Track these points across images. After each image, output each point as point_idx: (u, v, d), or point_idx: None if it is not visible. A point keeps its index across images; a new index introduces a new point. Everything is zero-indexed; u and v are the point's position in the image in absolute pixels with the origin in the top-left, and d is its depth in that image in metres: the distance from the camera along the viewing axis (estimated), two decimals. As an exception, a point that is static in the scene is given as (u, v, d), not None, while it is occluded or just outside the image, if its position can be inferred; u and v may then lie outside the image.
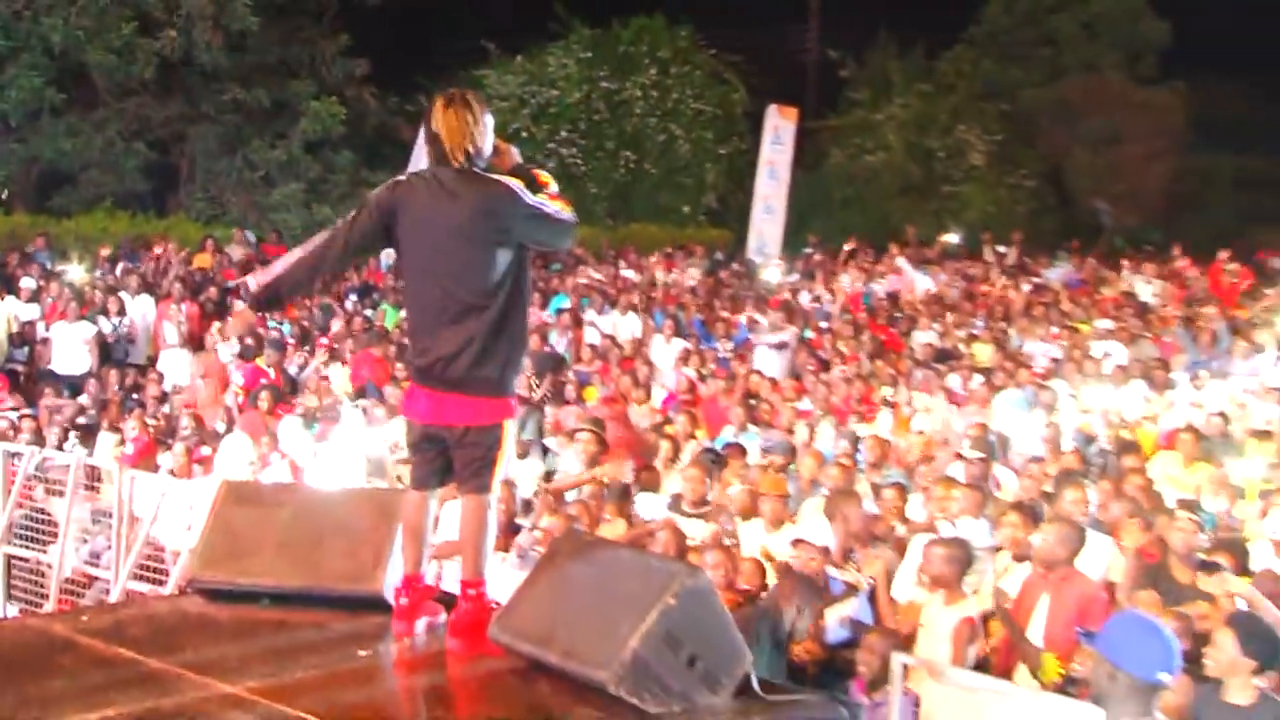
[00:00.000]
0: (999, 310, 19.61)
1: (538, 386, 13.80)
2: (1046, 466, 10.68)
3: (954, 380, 15.14)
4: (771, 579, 7.98)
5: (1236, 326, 17.64)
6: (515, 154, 5.17)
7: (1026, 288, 20.97)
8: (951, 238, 28.21)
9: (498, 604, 4.85)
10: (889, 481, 10.36)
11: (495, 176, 4.96)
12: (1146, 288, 21.17)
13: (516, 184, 4.94)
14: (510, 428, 5.02)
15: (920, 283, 21.39)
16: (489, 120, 5.01)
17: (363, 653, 4.67)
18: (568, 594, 4.69)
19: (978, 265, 23.80)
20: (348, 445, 11.50)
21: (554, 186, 5.11)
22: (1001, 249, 24.72)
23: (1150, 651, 4.18)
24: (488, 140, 4.99)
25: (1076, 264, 23.76)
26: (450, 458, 5.06)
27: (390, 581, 5.11)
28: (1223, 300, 19.97)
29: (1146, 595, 7.77)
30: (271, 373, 14.60)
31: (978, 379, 14.89)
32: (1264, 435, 11.99)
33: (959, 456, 10.70)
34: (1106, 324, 17.67)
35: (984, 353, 16.60)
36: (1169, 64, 35.14)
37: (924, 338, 17.79)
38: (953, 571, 7.47)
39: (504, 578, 6.21)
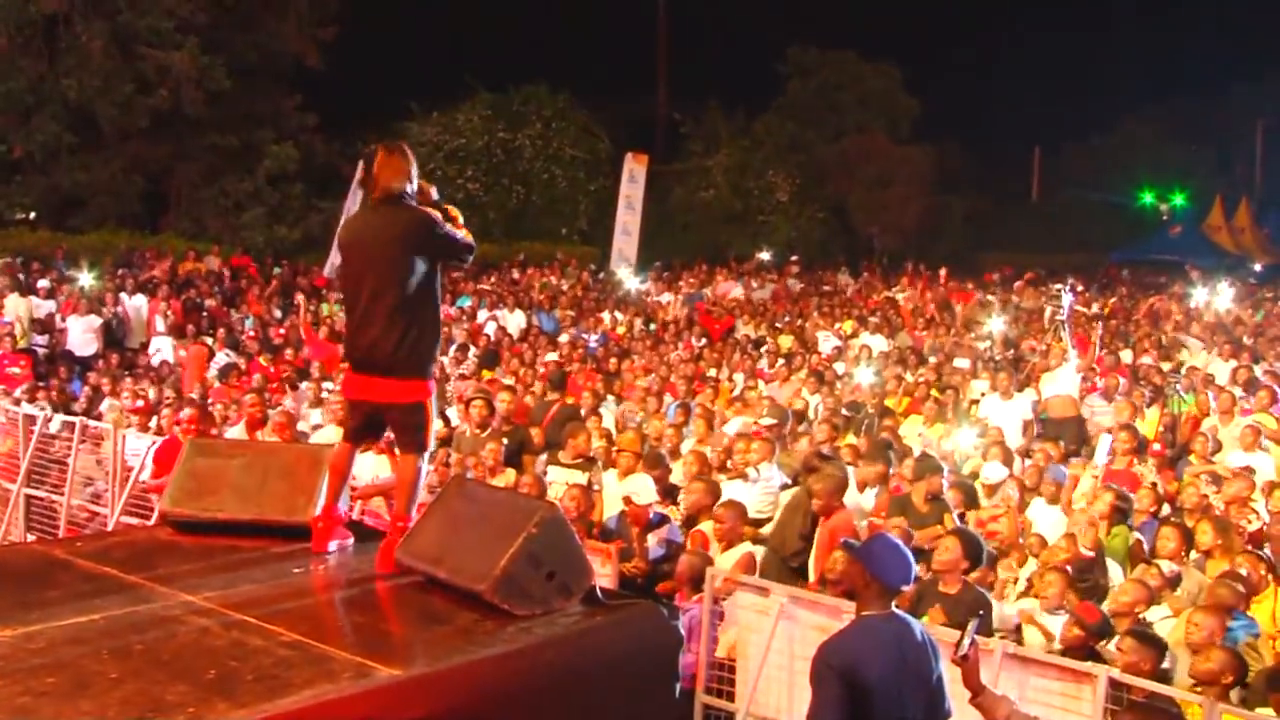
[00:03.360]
0: (796, 309, 19.87)
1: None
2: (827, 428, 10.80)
3: (763, 363, 15.32)
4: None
5: (965, 323, 18.08)
6: (433, 192, 5.13)
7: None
8: (764, 256, 28.50)
9: None
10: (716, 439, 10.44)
11: (419, 207, 4.92)
12: (902, 294, 21.62)
13: (435, 214, 4.91)
14: (431, 401, 4.97)
15: (735, 290, 21.62)
16: (414, 166, 5.02)
17: (296, 570, 4.58)
18: (454, 525, 4.62)
19: (782, 276, 24.14)
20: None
21: (460, 218, 5.09)
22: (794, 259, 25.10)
23: (897, 565, 4.25)
24: (414, 180, 4.97)
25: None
26: (378, 425, 5.08)
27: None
28: (956, 301, 20.40)
29: (897, 521, 7.96)
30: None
31: (780, 361, 15.04)
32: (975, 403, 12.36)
33: (757, 422, 10.74)
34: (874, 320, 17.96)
35: (786, 342, 16.80)
36: (919, 129, 36.17)
37: (742, 330, 17.98)
38: (737, 525, 7.48)
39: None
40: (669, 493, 8.52)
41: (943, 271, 23.16)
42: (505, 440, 9.41)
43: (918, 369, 14.08)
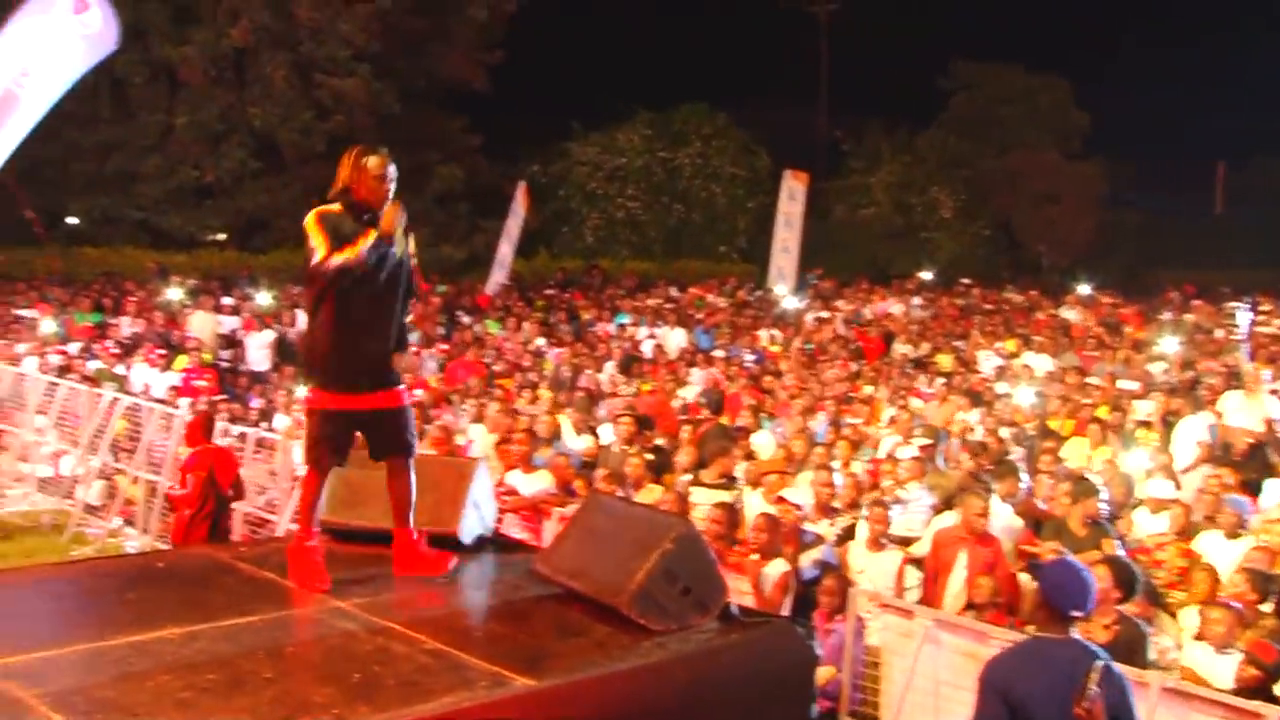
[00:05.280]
0: (958, 329, 19.40)
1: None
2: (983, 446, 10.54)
3: (922, 382, 15.01)
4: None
5: (1137, 344, 17.34)
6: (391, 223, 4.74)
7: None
8: (926, 275, 27.92)
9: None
10: (864, 459, 10.30)
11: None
12: (1070, 313, 20.87)
13: (309, 215, 4.72)
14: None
15: (894, 308, 21.24)
16: (349, 168, 4.75)
17: (439, 579, 4.72)
18: (593, 539, 4.70)
19: (946, 295, 23.59)
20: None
21: (361, 243, 4.62)
22: (966, 281, 24.55)
23: (1071, 589, 4.12)
24: (342, 184, 4.77)
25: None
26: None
27: (464, 526, 5.15)
28: (1127, 323, 19.64)
29: (1052, 545, 7.70)
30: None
31: (939, 381, 14.72)
32: (1147, 425, 11.82)
33: (909, 441, 10.54)
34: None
35: (945, 361, 16.42)
36: (1089, 143, 35.00)
37: (901, 349, 17.65)
38: (775, 539, 7.33)
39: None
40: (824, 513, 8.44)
41: (1113, 292, 22.30)
42: (652, 457, 9.46)
43: (1083, 390, 13.58)
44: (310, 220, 4.60)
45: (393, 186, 4.70)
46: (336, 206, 4.65)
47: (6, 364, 13.04)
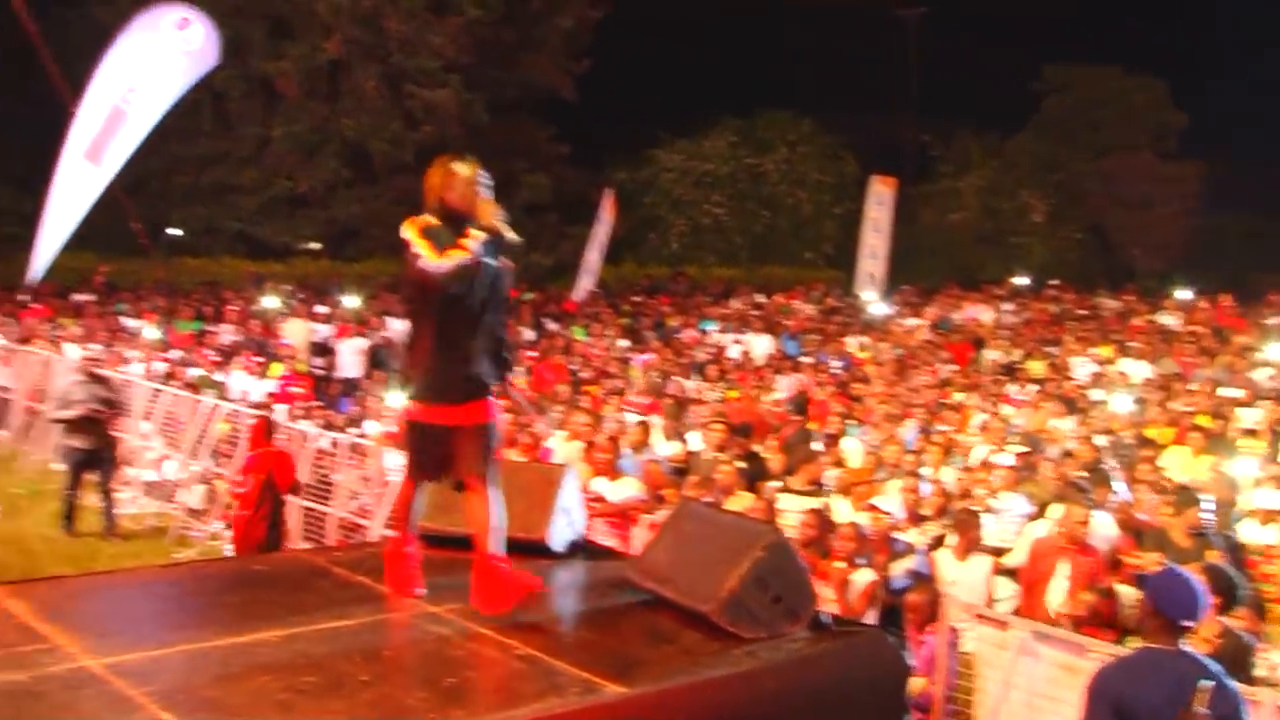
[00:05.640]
0: (1049, 335, 19.02)
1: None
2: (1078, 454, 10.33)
3: (1013, 389, 14.75)
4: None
5: (1241, 350, 16.82)
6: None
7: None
8: (1020, 280, 27.37)
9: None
10: (955, 466, 10.15)
11: None
12: (1169, 318, 20.34)
13: (406, 225, 4.65)
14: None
15: (984, 314, 20.90)
16: (442, 180, 4.65)
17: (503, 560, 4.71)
18: (683, 546, 4.69)
19: (1038, 300, 23.14)
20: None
21: (468, 242, 4.52)
22: (1054, 282, 24.07)
23: (1179, 598, 4.02)
24: (453, 191, 4.63)
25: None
26: None
27: (554, 532, 5.17)
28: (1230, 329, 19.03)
29: (1154, 556, 7.50)
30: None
31: (1031, 388, 14.44)
32: (1253, 433, 11.45)
33: (1004, 448, 10.35)
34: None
35: (1038, 367, 16.13)
36: (1186, 144, 34.00)
37: (991, 355, 17.37)
38: (861, 547, 7.25)
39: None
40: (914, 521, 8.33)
41: (1220, 296, 21.59)
42: (742, 465, 9.41)
43: (1183, 397, 13.22)
44: (410, 228, 4.57)
45: (486, 192, 4.65)
46: (431, 218, 4.61)
47: (114, 371, 13.40)
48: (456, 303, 4.47)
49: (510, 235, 4.65)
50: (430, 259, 4.43)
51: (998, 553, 7.92)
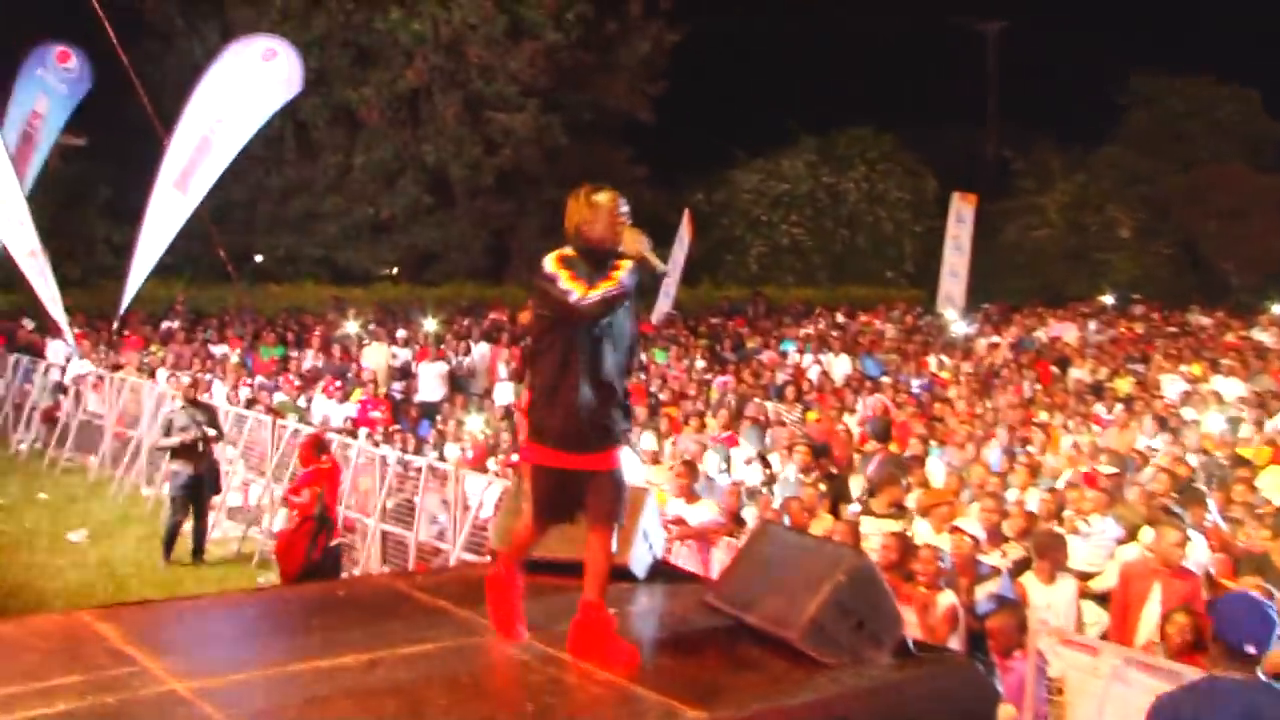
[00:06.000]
0: (1137, 352, 18.61)
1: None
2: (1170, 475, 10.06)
3: (1100, 409, 14.46)
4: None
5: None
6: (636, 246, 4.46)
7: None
8: (1106, 298, 26.83)
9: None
10: (1042, 488, 9.94)
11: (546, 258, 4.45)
12: (1264, 334, 19.79)
13: (549, 256, 4.39)
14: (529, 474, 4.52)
15: (1069, 332, 20.55)
16: (589, 206, 4.43)
17: (611, 610, 4.71)
18: (764, 570, 4.65)
19: (1125, 317, 22.68)
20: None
21: (617, 273, 4.36)
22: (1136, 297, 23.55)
23: (1246, 624, 3.87)
24: (581, 221, 4.43)
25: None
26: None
27: (635, 557, 5.15)
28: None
29: (1253, 580, 7.28)
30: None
31: (1119, 407, 14.13)
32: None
33: (1096, 470, 10.12)
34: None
35: (1125, 386, 15.78)
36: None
37: (1078, 375, 17.05)
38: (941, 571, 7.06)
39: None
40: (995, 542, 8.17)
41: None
42: (824, 487, 9.33)
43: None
44: (553, 261, 4.38)
45: (628, 221, 4.51)
46: (570, 250, 4.44)
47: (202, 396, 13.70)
48: (595, 339, 4.38)
49: (658, 264, 4.57)
50: (576, 291, 4.30)
51: (1086, 577, 7.73)
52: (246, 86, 15.78)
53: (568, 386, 4.32)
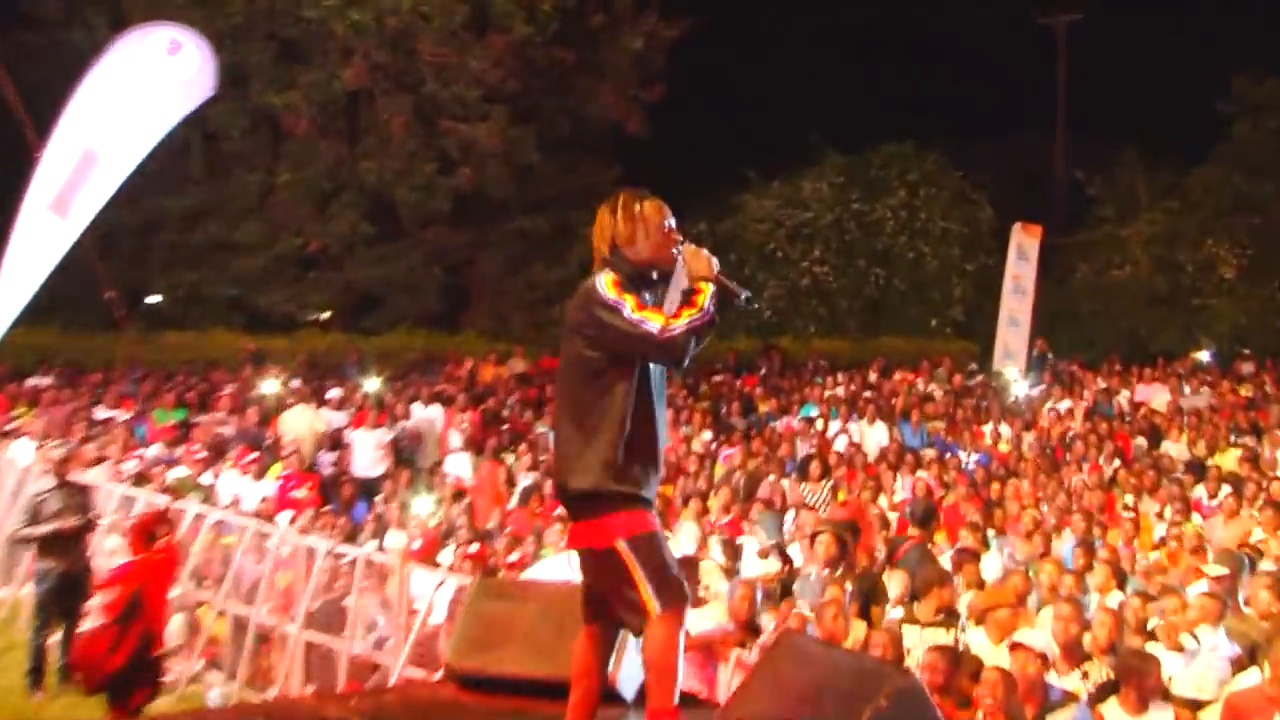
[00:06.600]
0: (1245, 421, 18.65)
1: None
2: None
3: (1200, 491, 14.48)
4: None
5: None
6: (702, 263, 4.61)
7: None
8: (1202, 356, 26.88)
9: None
10: (1130, 591, 9.91)
11: (595, 275, 4.54)
12: None
13: (602, 279, 4.49)
14: (644, 537, 4.42)
15: (1160, 395, 20.60)
16: (625, 220, 4.63)
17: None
18: (786, 692, 4.62)
19: (1229, 378, 22.73)
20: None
21: (701, 298, 4.51)
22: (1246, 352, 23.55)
23: None
24: (622, 238, 4.61)
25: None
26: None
27: (624, 674, 5.10)
28: None
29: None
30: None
31: (1225, 490, 14.14)
32: None
33: (1200, 571, 10.08)
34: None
35: (1230, 462, 15.80)
36: None
37: (1171, 449, 17.08)
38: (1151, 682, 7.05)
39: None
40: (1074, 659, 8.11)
41: None
42: (852, 585, 9.31)
43: None
44: (610, 284, 4.46)
45: (679, 237, 4.59)
46: (615, 274, 4.52)
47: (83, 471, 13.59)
48: (649, 385, 4.47)
49: (740, 290, 4.69)
50: (653, 321, 4.32)
51: (1194, 706, 7.66)
52: (143, 88, 15.78)
53: (630, 440, 4.36)
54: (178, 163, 23.86)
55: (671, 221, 4.60)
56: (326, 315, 27.29)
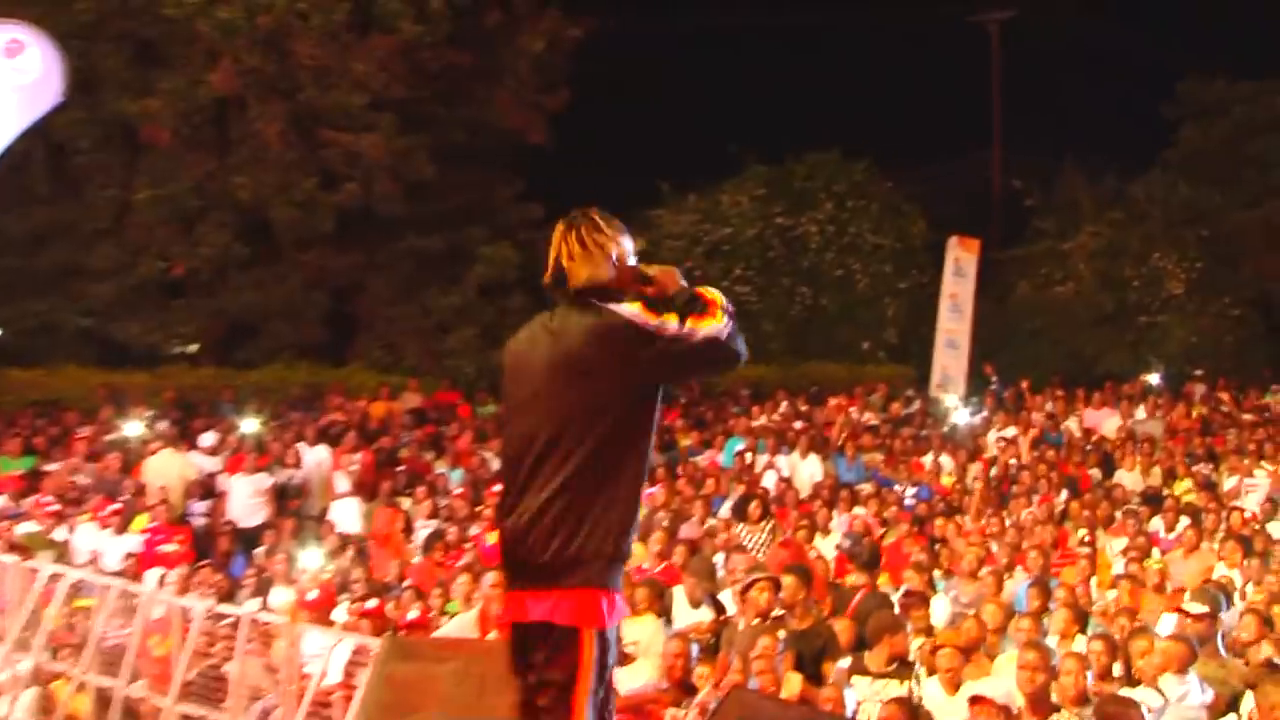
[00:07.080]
0: (1200, 447, 18.98)
1: None
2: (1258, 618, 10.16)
3: (1158, 524, 14.69)
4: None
5: None
6: (674, 279, 4.76)
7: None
8: (1152, 378, 27.28)
9: None
10: (1091, 632, 9.98)
11: (613, 308, 4.51)
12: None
13: (635, 313, 4.50)
14: (600, 640, 4.36)
15: (1110, 421, 20.93)
16: (612, 238, 4.70)
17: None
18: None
19: (1182, 401, 23.12)
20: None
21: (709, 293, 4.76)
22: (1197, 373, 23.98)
23: None
24: (615, 259, 4.67)
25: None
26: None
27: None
28: None
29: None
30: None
31: (1183, 521, 14.34)
32: None
33: (1178, 610, 10.19)
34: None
35: (1185, 490, 16.06)
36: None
37: (1126, 479, 17.32)
38: None
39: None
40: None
41: None
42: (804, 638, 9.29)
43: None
44: (641, 310, 4.55)
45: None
46: (638, 302, 4.63)
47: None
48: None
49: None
50: (707, 323, 4.58)
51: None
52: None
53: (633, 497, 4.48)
54: (20, 179, 23.39)
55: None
56: (195, 348, 26.88)
